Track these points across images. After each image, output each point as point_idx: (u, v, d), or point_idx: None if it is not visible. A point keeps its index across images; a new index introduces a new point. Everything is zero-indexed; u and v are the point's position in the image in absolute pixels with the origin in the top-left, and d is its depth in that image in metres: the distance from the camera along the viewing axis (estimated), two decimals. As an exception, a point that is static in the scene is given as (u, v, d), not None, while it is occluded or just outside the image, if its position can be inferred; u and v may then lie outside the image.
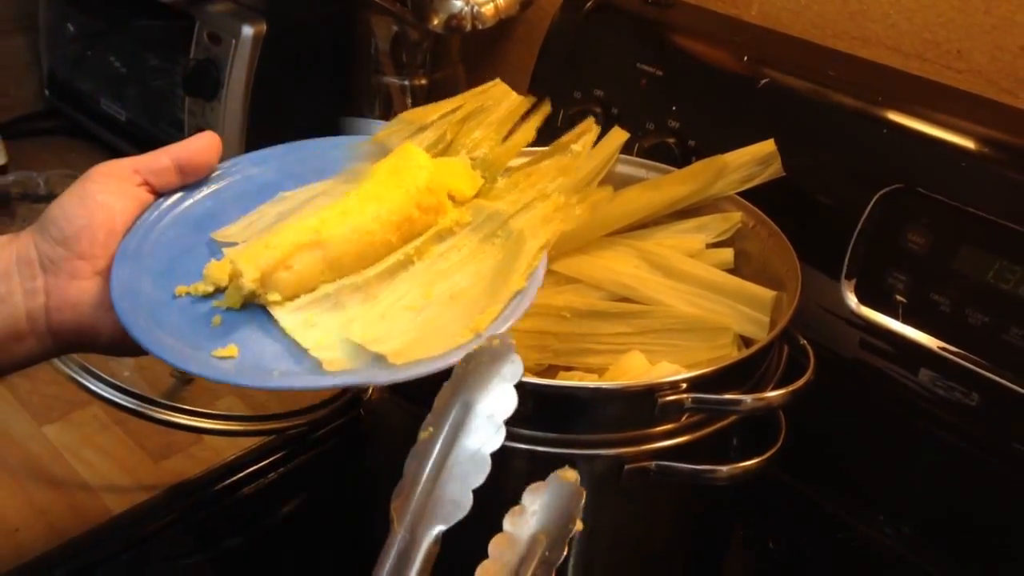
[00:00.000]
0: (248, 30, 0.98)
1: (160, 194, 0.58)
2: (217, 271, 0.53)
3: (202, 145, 0.58)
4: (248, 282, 0.51)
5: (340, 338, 0.51)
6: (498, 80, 0.64)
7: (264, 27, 0.98)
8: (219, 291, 0.53)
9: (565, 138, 0.66)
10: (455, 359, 0.48)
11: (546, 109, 0.66)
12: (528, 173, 0.60)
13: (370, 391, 0.63)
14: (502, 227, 0.55)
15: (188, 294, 0.53)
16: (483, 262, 0.54)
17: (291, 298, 0.53)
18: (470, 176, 0.59)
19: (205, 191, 0.59)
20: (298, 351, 0.50)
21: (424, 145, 0.61)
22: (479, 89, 0.64)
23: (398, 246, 0.55)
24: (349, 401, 0.85)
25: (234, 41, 0.98)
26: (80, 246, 0.53)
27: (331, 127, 1.05)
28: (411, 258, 0.55)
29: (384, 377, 0.49)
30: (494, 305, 0.51)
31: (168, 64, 1.09)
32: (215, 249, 0.56)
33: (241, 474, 0.79)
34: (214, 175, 0.60)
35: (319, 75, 1.05)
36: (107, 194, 0.55)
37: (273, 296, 0.52)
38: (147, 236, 0.56)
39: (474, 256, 0.55)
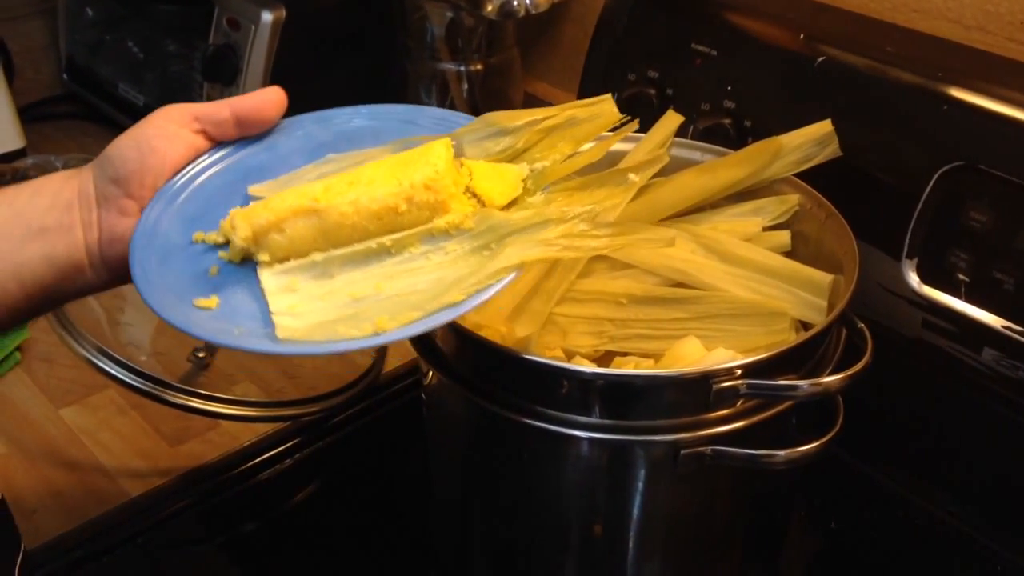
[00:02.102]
0: (267, 16, 0.98)
1: (218, 143, 0.58)
2: (229, 224, 0.54)
3: (263, 100, 0.58)
4: (239, 239, 0.53)
5: (312, 307, 0.51)
6: (608, 96, 0.61)
7: (283, 13, 0.98)
8: (228, 243, 0.55)
9: (625, 164, 0.65)
10: (339, 349, 0.49)
11: (629, 129, 0.63)
12: (570, 194, 0.57)
13: (430, 376, 0.63)
14: (497, 240, 0.53)
15: (203, 241, 0.55)
16: (457, 270, 0.52)
17: (281, 260, 0.53)
18: (511, 185, 0.57)
19: (262, 144, 0.59)
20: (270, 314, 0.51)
21: (497, 148, 0.59)
22: (585, 101, 0.61)
23: (376, 234, 0.54)
24: (365, 389, 0.85)
25: (253, 27, 0.98)
26: (130, 186, 0.55)
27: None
28: (387, 249, 0.54)
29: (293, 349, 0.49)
30: (414, 312, 0.50)
31: (187, 49, 1.09)
32: (249, 201, 0.57)
33: (257, 460, 0.79)
34: (277, 128, 0.60)
35: (338, 61, 1.05)
36: (161, 139, 0.56)
37: (263, 256, 0.53)
38: (191, 181, 0.57)
39: (455, 263, 0.53)
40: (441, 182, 0.54)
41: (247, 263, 0.54)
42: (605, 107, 0.60)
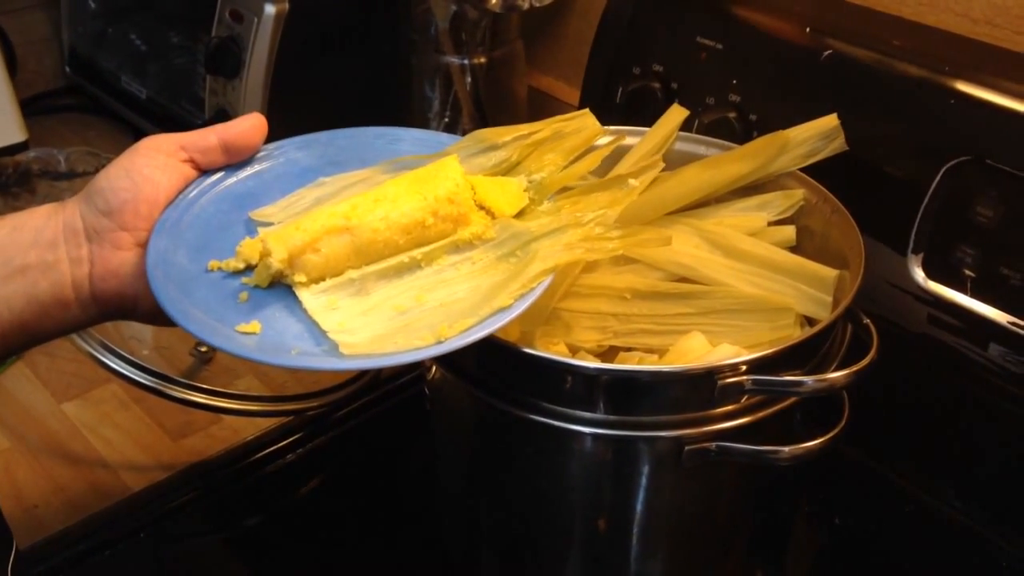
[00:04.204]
0: (271, 8, 0.97)
1: (204, 171, 0.59)
2: (249, 249, 0.55)
3: (248, 127, 0.59)
4: (276, 262, 0.53)
5: (360, 323, 0.52)
6: (587, 110, 0.64)
7: (286, 5, 0.97)
8: (249, 268, 0.55)
9: (626, 170, 0.66)
10: (407, 359, 0.50)
11: (619, 141, 0.65)
12: (576, 200, 0.59)
13: (433, 370, 0.63)
14: (522, 247, 0.55)
15: (220, 269, 0.55)
16: (490, 278, 0.54)
17: (317, 280, 0.54)
18: (515, 196, 0.59)
19: (248, 171, 0.60)
20: (318, 333, 0.52)
21: (490, 163, 0.61)
22: (565, 116, 0.63)
23: (405, 248, 0.56)
24: (368, 383, 0.85)
25: (256, 19, 0.98)
26: (124, 218, 0.55)
27: (354, 107, 1.04)
28: (418, 262, 0.56)
29: (373, 363, 0.51)
30: (469, 318, 0.51)
31: (190, 42, 1.09)
32: (251, 228, 0.57)
33: (259, 454, 0.79)
34: (259, 155, 0.61)
35: (342, 54, 1.05)
36: (153, 168, 0.56)
37: (299, 277, 0.54)
38: (188, 210, 0.57)
39: (484, 271, 0.55)
40: (461, 195, 0.57)
41: (274, 286, 0.54)
42: (587, 120, 0.63)
